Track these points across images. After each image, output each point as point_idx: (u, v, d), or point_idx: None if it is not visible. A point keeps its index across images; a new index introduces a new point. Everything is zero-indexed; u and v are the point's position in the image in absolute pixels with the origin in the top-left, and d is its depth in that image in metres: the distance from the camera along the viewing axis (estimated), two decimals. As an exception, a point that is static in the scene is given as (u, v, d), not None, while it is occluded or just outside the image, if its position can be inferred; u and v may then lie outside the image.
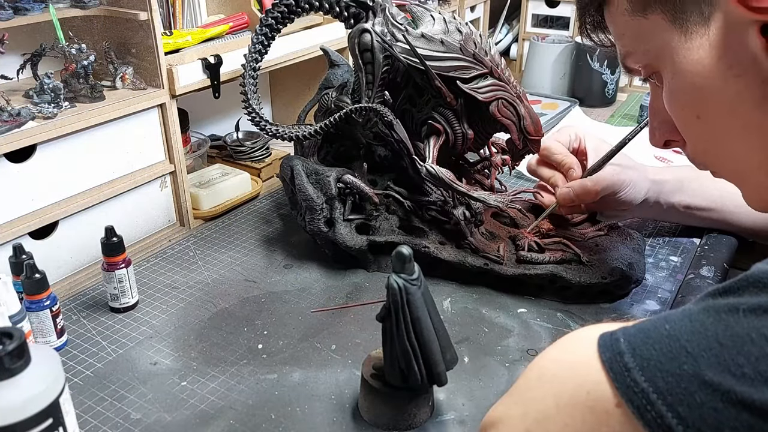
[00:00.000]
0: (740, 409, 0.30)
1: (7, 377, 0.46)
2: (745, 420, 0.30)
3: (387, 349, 0.61)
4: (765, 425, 0.30)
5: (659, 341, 0.34)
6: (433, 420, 0.65)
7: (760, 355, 0.31)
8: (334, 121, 0.86)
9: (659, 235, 0.97)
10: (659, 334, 0.35)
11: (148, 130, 0.94)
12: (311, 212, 0.87)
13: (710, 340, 0.33)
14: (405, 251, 0.57)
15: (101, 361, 0.73)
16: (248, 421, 0.65)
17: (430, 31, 0.81)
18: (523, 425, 0.40)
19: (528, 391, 0.42)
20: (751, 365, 0.31)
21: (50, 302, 0.73)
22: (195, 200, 1.04)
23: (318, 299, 0.84)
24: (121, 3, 0.89)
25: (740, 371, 0.31)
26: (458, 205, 0.85)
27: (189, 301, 0.84)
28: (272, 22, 0.93)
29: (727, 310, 0.33)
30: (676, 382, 0.32)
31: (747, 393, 0.30)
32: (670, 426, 0.32)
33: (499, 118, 0.81)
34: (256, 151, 1.19)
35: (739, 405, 0.31)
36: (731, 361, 0.32)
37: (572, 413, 0.37)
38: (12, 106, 0.80)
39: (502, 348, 0.75)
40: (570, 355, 0.40)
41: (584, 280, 0.80)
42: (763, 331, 0.31)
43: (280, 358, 0.74)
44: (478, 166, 0.96)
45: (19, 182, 0.80)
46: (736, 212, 0.88)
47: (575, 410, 0.37)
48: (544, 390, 0.40)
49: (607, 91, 1.54)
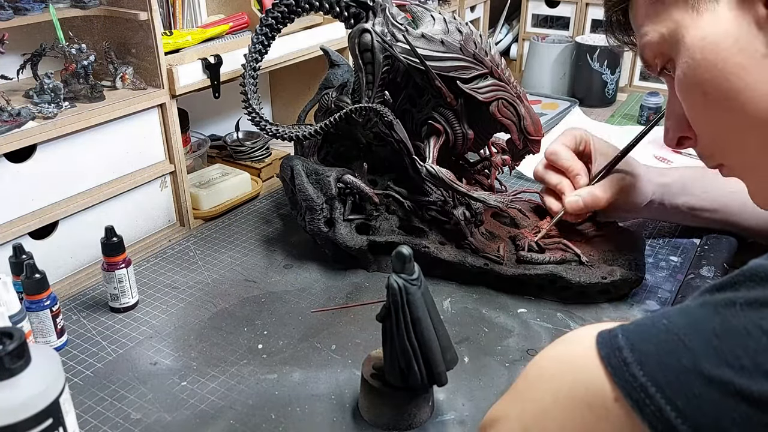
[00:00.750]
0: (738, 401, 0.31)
1: (7, 377, 0.46)
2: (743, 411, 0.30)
3: (387, 349, 0.61)
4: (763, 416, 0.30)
5: (657, 336, 0.35)
6: (433, 420, 0.65)
7: (757, 347, 0.31)
8: (334, 121, 0.86)
9: (659, 235, 0.97)
10: (657, 329, 0.35)
11: (148, 130, 0.94)
12: (311, 212, 0.87)
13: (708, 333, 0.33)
14: (405, 251, 0.57)
15: (101, 361, 0.73)
16: (248, 421, 0.65)
17: (431, 31, 0.81)
18: (521, 423, 0.41)
19: (526, 390, 0.42)
20: (748, 357, 0.31)
21: (50, 302, 0.73)
22: (195, 200, 1.04)
23: (318, 299, 0.84)
24: (121, 3, 0.89)
25: (738, 363, 0.31)
26: (458, 205, 0.85)
27: (189, 301, 0.84)
28: (272, 22, 0.93)
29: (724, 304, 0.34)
30: (675, 375, 0.33)
31: (745, 385, 0.31)
32: (669, 419, 0.32)
33: (499, 118, 0.81)
34: (256, 151, 1.19)
35: (737, 397, 0.31)
36: (729, 353, 0.32)
37: (571, 410, 0.37)
38: (12, 106, 0.80)
39: (502, 348, 0.75)
40: (568, 354, 0.40)
41: (584, 280, 0.80)
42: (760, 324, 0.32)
43: (280, 358, 0.74)
44: (478, 166, 0.96)
45: (19, 182, 0.80)
46: (739, 213, 0.88)
47: (574, 406, 0.37)
48: (542, 388, 0.40)
49: (607, 91, 1.54)
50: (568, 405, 0.38)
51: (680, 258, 0.91)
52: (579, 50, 1.55)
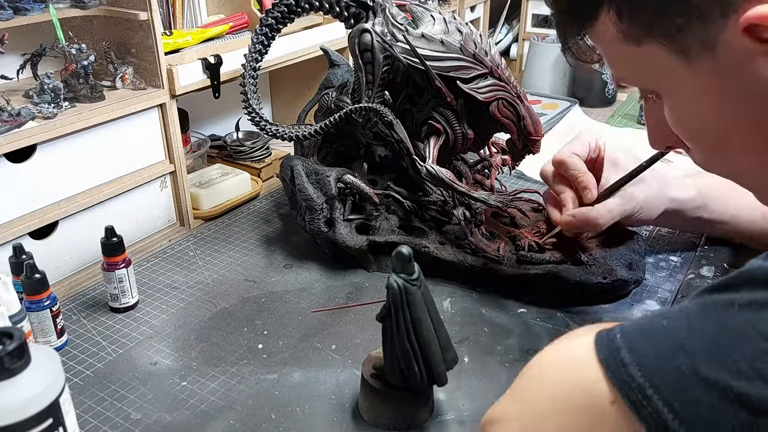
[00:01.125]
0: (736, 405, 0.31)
1: (7, 377, 0.46)
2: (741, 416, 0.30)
3: (387, 349, 0.61)
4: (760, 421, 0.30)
5: (656, 337, 0.35)
6: (433, 420, 0.65)
7: (755, 351, 0.31)
8: (334, 121, 0.86)
9: (659, 235, 0.97)
10: (656, 331, 0.35)
11: (148, 130, 0.94)
12: (311, 212, 0.87)
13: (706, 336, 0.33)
14: (405, 251, 0.57)
15: (101, 361, 0.73)
16: (248, 421, 0.65)
17: (430, 31, 0.81)
18: (519, 425, 0.41)
19: (525, 391, 0.42)
20: (746, 361, 0.31)
21: (50, 302, 0.73)
22: (195, 200, 1.04)
23: (318, 299, 0.84)
24: (121, 3, 0.89)
25: (736, 367, 0.31)
26: (458, 205, 0.85)
27: (189, 301, 0.84)
28: (272, 22, 0.93)
29: (723, 306, 0.34)
30: (673, 377, 0.33)
31: (743, 389, 0.31)
32: (666, 421, 0.32)
33: (499, 118, 0.81)
34: (256, 151, 1.19)
35: (735, 401, 0.31)
36: (727, 357, 0.32)
37: (568, 412, 0.37)
38: (12, 106, 0.80)
39: (502, 348, 0.75)
40: (567, 355, 0.40)
41: (584, 280, 0.80)
42: (758, 326, 0.32)
43: (280, 358, 0.74)
44: (478, 166, 0.96)
45: (19, 182, 0.80)
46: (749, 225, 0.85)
47: (571, 409, 0.37)
48: (540, 390, 0.40)
49: (607, 91, 1.54)
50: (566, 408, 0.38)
51: (680, 258, 0.91)
52: (579, 50, 1.55)
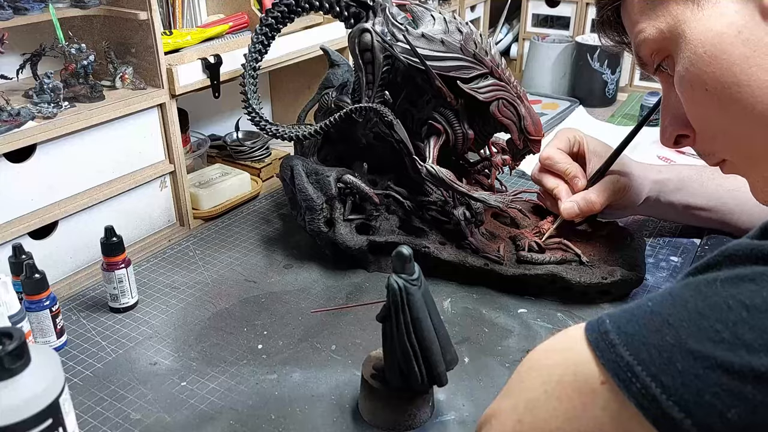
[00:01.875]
0: (720, 374, 0.31)
1: (7, 377, 0.46)
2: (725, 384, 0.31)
3: (387, 349, 0.61)
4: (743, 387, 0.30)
5: (642, 317, 0.35)
6: (433, 420, 0.65)
7: (737, 320, 0.32)
8: (334, 121, 0.86)
9: (659, 235, 0.97)
10: (642, 312, 0.36)
11: (148, 130, 0.94)
12: (311, 212, 0.86)
13: (690, 311, 0.34)
14: (405, 251, 0.57)
15: (101, 361, 0.73)
16: (248, 421, 0.65)
17: (431, 31, 0.81)
18: (515, 416, 0.41)
19: (519, 383, 0.43)
20: (729, 330, 0.32)
21: (50, 302, 0.73)
22: (195, 200, 1.03)
23: (318, 299, 0.84)
24: (121, 3, 0.89)
25: (719, 337, 0.32)
26: (458, 205, 0.85)
27: (189, 301, 0.84)
28: (272, 21, 0.93)
29: (705, 283, 0.35)
30: (659, 353, 0.33)
31: (726, 357, 0.31)
32: (654, 395, 0.33)
33: (500, 118, 0.81)
34: (256, 151, 1.19)
35: (718, 369, 0.31)
36: (710, 328, 0.32)
37: (560, 396, 0.38)
38: (12, 106, 0.80)
39: (503, 348, 0.75)
40: (558, 344, 0.41)
41: (584, 280, 0.80)
42: (740, 298, 0.32)
43: (280, 358, 0.74)
44: (479, 166, 0.96)
45: (19, 182, 0.80)
46: (736, 213, 0.88)
47: (563, 392, 0.38)
48: (533, 379, 0.41)
49: (607, 91, 1.54)
50: (558, 392, 0.38)
51: (680, 258, 0.91)
52: (579, 50, 1.55)
